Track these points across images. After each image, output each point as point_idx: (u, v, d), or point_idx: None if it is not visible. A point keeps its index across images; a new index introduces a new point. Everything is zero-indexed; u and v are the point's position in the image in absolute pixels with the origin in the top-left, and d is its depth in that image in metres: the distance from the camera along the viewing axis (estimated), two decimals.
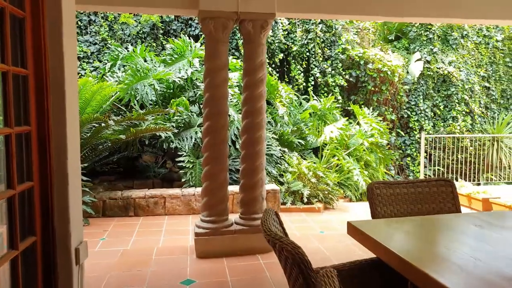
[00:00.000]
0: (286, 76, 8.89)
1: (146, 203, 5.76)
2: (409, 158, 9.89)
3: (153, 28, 8.69)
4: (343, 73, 9.22)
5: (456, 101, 9.83)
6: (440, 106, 9.91)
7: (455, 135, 9.34)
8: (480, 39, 10.31)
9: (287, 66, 8.98)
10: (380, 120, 8.58)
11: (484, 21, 4.31)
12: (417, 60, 9.87)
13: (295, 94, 8.14)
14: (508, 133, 9.82)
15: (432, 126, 9.86)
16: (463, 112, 9.88)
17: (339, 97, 9.09)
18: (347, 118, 8.30)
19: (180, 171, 6.14)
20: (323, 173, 6.35)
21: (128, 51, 7.41)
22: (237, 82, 7.02)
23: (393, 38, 10.63)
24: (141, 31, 8.61)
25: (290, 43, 8.95)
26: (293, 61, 8.96)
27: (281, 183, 6.29)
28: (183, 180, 6.03)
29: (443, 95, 9.94)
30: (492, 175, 9.60)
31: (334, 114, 8.18)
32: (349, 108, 9.01)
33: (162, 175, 6.70)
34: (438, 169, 9.31)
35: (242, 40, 5.02)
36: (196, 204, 5.83)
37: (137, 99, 6.58)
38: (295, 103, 7.93)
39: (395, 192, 2.43)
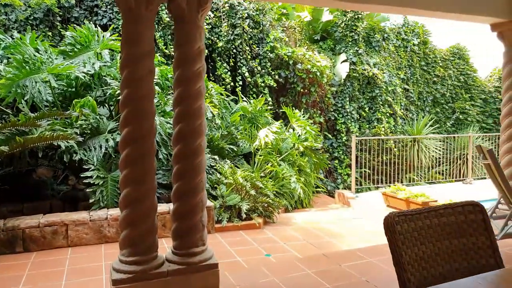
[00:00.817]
0: (211, 75, 8.00)
1: (41, 233, 4.42)
2: (336, 161, 9.67)
3: (48, 14, 7.14)
4: (272, 73, 8.63)
5: (380, 103, 9.88)
6: (365, 108, 9.88)
7: (381, 137, 9.34)
8: (399, 43, 10.56)
9: (212, 63, 8.09)
10: (311, 123, 8.15)
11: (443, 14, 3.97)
12: (343, 61, 9.71)
13: (226, 94, 7.29)
14: (426, 134, 10.16)
15: (358, 128, 9.78)
16: (387, 114, 9.97)
17: (269, 99, 8.47)
18: (281, 121, 7.69)
19: (87, 189, 4.89)
20: (262, 183, 5.60)
21: (13, 39, 5.85)
22: (157, 78, 5.93)
23: (319, 38, 10.39)
24: (32, 17, 7.01)
25: (215, 38, 8.08)
26: (219, 58, 8.11)
27: (215, 197, 5.39)
28: (91, 200, 4.79)
29: (368, 97, 9.93)
30: (414, 175, 9.83)
31: (266, 117, 7.51)
32: (280, 110, 8.45)
33: (62, 194, 5.32)
34: (364, 171, 9.21)
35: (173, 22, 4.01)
36: (110, 230, 4.65)
37: (25, 98, 5.13)
38: (225, 104, 7.08)
39: (417, 226, 1.75)
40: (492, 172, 3.65)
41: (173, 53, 3.94)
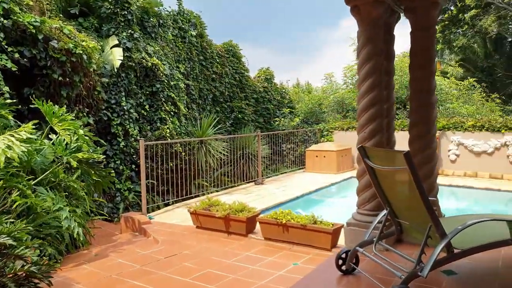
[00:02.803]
0: None
1: None
2: (113, 174, 7.47)
3: None
4: (9, 49, 5.64)
5: (163, 99, 8.30)
6: (145, 105, 8.08)
7: (169, 140, 7.81)
8: (177, 32, 9.27)
9: None
10: (82, 125, 5.76)
11: None
12: (115, 46, 7.59)
13: None
14: (211, 135, 9.31)
15: (138, 130, 7.90)
16: (171, 113, 8.50)
17: (4, 89, 5.47)
18: (32, 122, 4.93)
19: None
20: (9, 232, 3.02)
21: None
22: None
23: (77, 13, 7.83)
24: None
25: None
26: None
27: None
28: None
29: (148, 92, 8.17)
30: (203, 180, 8.77)
31: (3, 116, 4.64)
32: (27, 107, 5.61)
33: None
34: (151, 182, 7.45)
35: None
36: None
37: None
38: None
39: None
40: (393, 183, 2.72)
41: None
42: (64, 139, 4.81)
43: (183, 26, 9.45)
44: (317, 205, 7.52)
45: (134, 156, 7.68)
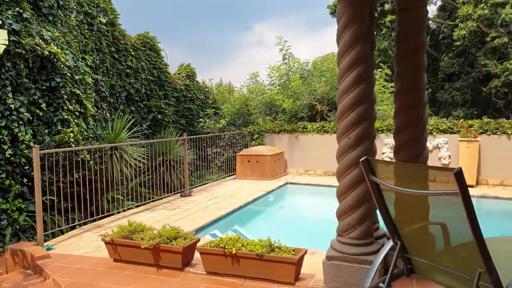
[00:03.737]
0: None
1: None
2: None
3: None
4: None
5: (65, 97, 6.77)
6: (41, 104, 6.50)
7: (73, 147, 6.35)
8: (83, 17, 7.74)
9: None
10: None
11: None
12: None
13: None
14: (127, 140, 7.97)
15: (32, 135, 6.30)
16: (76, 113, 6.99)
17: None
18: None
19: None
20: None
21: None
22: None
23: None
24: None
25: None
26: None
27: None
28: None
29: (45, 88, 6.58)
30: (117, 194, 7.40)
31: None
32: None
33: None
34: (50, 199, 5.94)
35: None
36: None
37: None
38: None
39: None
40: (416, 210, 1.90)
41: None
42: None
43: (90, 11, 7.94)
44: (257, 217, 6.72)
45: (27, 168, 6.09)
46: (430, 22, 18.70)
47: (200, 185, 8.47)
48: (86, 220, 5.85)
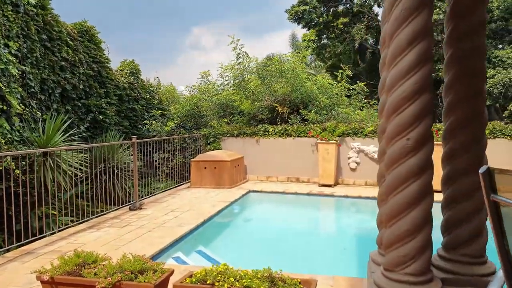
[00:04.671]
0: None
1: None
2: None
3: None
4: None
5: None
6: None
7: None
8: None
9: None
10: None
11: None
12: None
13: None
14: (62, 145, 6.75)
15: None
16: None
17: None
18: None
19: None
20: None
21: None
22: None
23: None
24: None
25: None
26: None
27: None
28: None
29: None
30: (51, 208, 6.16)
31: None
32: None
33: None
34: None
35: None
36: None
37: None
38: None
39: None
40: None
41: None
42: None
43: None
44: (223, 233, 5.89)
45: None
46: None
47: (150, 196, 7.44)
48: (11, 246, 4.64)
